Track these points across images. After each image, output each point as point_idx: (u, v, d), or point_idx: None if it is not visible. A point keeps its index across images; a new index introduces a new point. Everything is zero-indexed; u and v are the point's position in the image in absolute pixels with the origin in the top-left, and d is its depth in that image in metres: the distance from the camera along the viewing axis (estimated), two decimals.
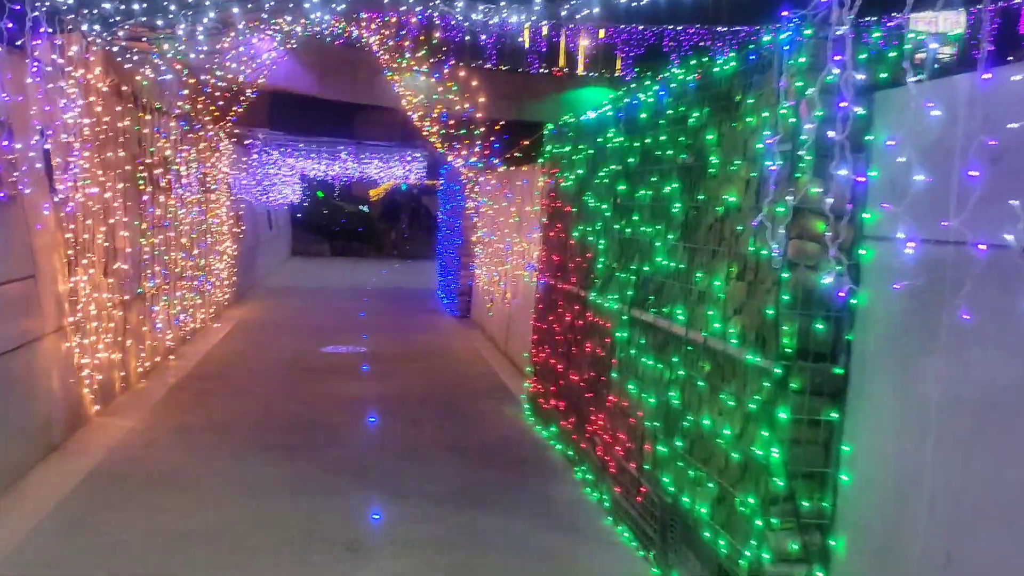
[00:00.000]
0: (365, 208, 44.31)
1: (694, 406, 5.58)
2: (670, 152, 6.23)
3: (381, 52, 15.83)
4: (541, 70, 24.31)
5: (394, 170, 30.49)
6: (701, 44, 24.65)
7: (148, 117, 11.41)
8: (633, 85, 7.44)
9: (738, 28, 24.45)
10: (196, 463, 8.02)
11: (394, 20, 17.63)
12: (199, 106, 14.63)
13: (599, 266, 7.81)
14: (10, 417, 7.31)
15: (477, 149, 14.64)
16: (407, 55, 15.62)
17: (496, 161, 15.90)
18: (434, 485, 7.66)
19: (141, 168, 11.20)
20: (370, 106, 21.73)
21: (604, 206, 7.71)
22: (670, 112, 6.27)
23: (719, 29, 24.57)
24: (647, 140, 6.71)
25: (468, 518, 6.89)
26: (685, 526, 5.64)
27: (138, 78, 10.82)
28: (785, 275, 4.54)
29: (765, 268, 4.79)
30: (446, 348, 15.17)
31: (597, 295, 7.79)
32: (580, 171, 8.65)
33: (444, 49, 21.19)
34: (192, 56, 11.93)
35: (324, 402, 10.62)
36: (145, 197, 11.35)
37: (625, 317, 6.92)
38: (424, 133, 17.20)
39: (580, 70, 24.87)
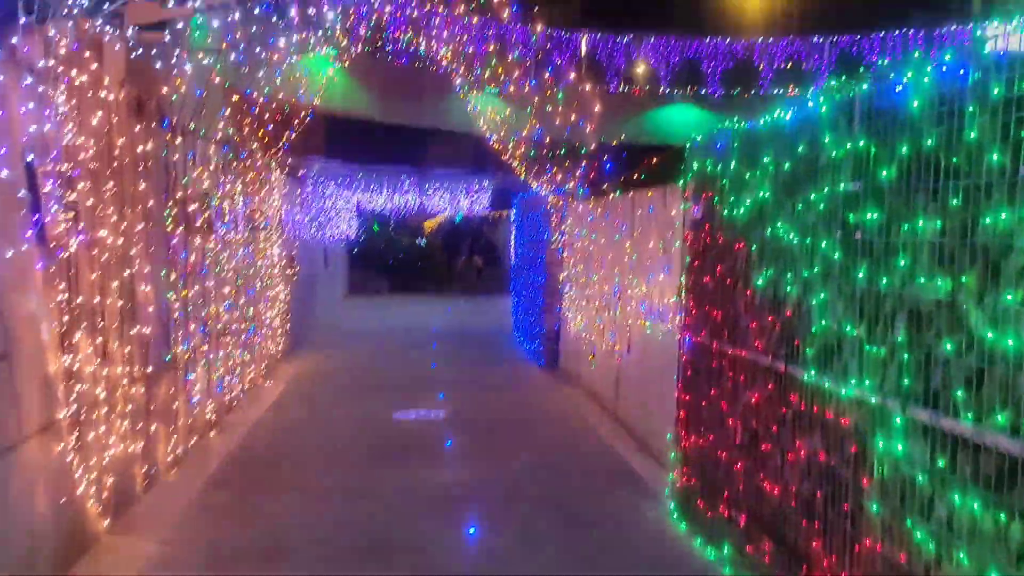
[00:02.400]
0: (423, 241, 42.26)
1: None
2: (996, 158, 3.72)
3: (453, 64, 13.57)
4: (621, 89, 21.94)
5: (460, 201, 28.26)
6: (795, 57, 22.09)
7: (180, 140, 9.18)
8: (830, 83, 5.03)
9: (836, 38, 21.91)
10: None
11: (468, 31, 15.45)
12: (245, 130, 12.43)
13: (815, 330, 5.29)
14: None
15: (580, 172, 12.23)
16: (484, 67, 13.36)
17: (582, 189, 13.48)
18: None
19: (170, 204, 8.95)
20: (437, 131, 19.55)
21: (823, 243, 5.20)
22: (993, 94, 3.76)
23: (816, 40, 22.00)
24: (926, 142, 4.20)
25: None
26: None
27: (166, 91, 8.58)
28: None
29: None
30: (541, 409, 12.69)
31: (816, 373, 5.26)
32: (762, 193, 6.16)
33: (517, 68, 18.99)
34: (232, 64, 9.74)
35: (404, 501, 8.19)
36: (175, 240, 9.09)
37: (897, 418, 4.38)
38: (504, 157, 14.86)
39: (663, 88, 22.45)
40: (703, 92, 22.35)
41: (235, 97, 11.23)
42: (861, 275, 4.74)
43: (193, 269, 9.89)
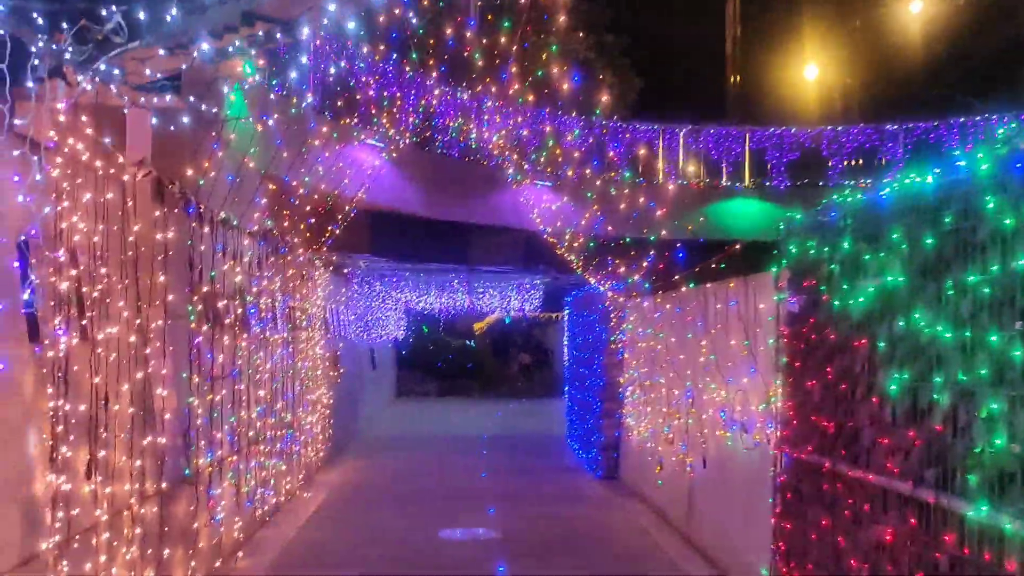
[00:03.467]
0: (471, 343, 41.31)
1: None
2: None
3: (506, 152, 12.76)
4: (679, 182, 21.02)
5: (510, 300, 27.27)
6: (867, 145, 21.11)
7: (207, 230, 8.34)
8: None
9: (912, 125, 20.92)
10: None
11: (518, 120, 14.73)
12: (284, 223, 11.64)
13: (981, 450, 4.12)
14: None
15: (647, 265, 11.16)
16: (538, 154, 12.53)
17: (647, 284, 12.41)
18: None
19: (195, 299, 8.05)
20: (486, 227, 18.67)
21: (991, 337, 4.07)
22: None
23: (888, 128, 21.04)
24: None
25: None
26: None
27: (191, 173, 7.76)
28: None
29: None
30: (603, 527, 11.40)
31: (988, 507, 4.06)
32: (892, 277, 5.06)
33: (574, 155, 18.18)
34: (268, 149, 8.95)
35: None
36: (200, 338, 8.15)
37: None
38: (560, 251, 13.90)
39: (724, 180, 21.51)
40: (767, 184, 21.37)
41: (272, 186, 10.43)
42: None
43: (221, 372, 8.94)
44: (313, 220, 12.69)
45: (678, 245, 10.98)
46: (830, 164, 20.89)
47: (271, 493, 11.38)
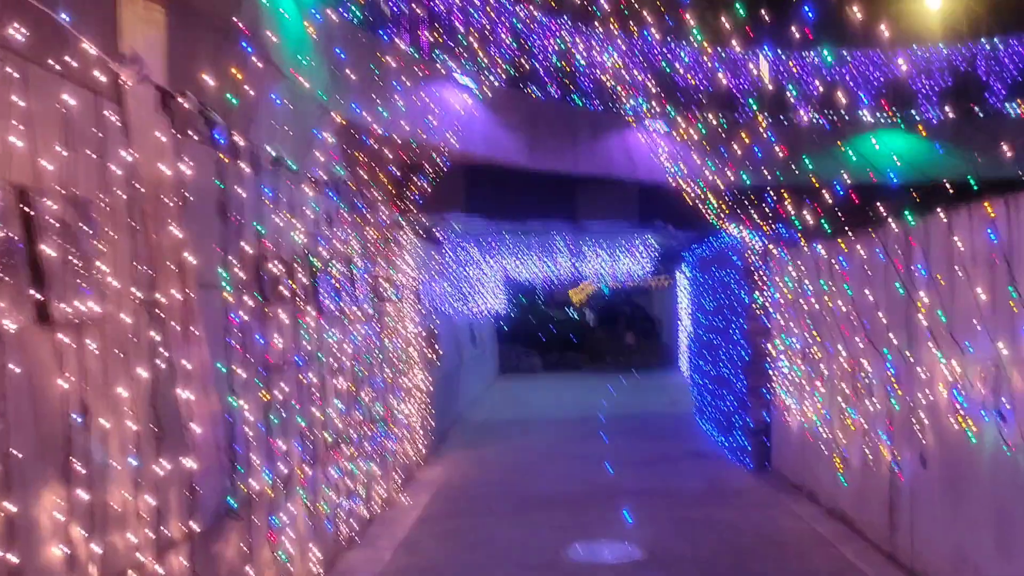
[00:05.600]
0: (575, 314, 39.01)
1: None
2: None
3: (624, 76, 10.35)
4: (812, 117, 18.21)
5: (622, 263, 24.76)
6: None
7: (247, 168, 6.16)
8: None
9: None
10: None
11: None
12: (362, 173, 9.47)
13: None
14: None
15: (832, 202, 8.55)
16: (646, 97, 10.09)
17: (827, 224, 9.81)
18: None
19: (232, 261, 5.90)
20: (594, 177, 16.30)
21: None
22: None
23: None
24: None
25: None
26: None
27: (215, 85, 5.57)
28: None
29: None
30: (773, 540, 8.98)
31: None
32: None
33: (678, 94, 15.59)
34: (326, 65, 6.74)
35: None
36: (239, 316, 5.99)
37: None
38: (687, 196, 11.43)
39: (863, 113, 18.60)
40: (912, 115, 18.39)
41: (338, 117, 8.22)
42: None
43: (280, 360, 6.81)
44: (396, 170, 10.53)
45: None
46: (991, 87, 17.82)
47: (360, 503, 9.32)
